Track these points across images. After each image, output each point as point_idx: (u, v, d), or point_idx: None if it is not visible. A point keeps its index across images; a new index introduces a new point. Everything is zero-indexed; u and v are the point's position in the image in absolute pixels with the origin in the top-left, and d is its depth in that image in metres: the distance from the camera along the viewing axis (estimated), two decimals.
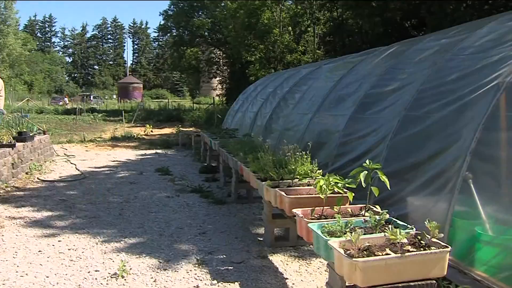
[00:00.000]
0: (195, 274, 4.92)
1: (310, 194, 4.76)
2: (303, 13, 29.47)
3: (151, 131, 24.09)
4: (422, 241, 3.15)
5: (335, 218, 3.69)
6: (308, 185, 5.17)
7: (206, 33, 43.47)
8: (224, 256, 5.49)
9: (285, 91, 11.61)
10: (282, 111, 10.76)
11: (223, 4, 36.36)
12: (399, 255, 2.94)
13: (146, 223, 6.96)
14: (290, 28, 30.93)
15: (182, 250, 5.69)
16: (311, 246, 5.51)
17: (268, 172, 5.49)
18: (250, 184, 6.75)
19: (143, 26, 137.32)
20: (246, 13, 29.83)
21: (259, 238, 6.20)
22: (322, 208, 4.10)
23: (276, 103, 11.45)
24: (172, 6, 45.07)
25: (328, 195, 4.13)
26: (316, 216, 4.03)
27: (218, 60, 45.85)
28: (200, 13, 43.48)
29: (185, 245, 5.92)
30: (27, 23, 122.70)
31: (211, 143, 10.85)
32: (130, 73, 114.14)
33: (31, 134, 12.25)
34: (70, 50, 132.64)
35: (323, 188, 4.08)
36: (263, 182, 5.46)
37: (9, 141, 10.30)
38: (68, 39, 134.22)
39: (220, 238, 6.23)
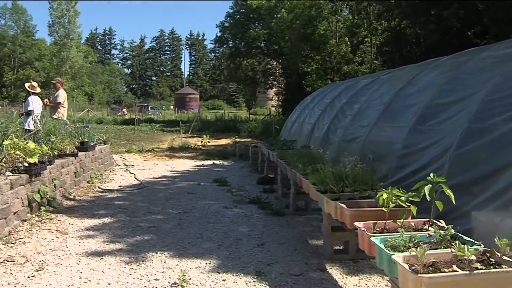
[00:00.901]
0: (254, 285, 4.91)
1: (371, 207, 4.69)
2: (360, 24, 29.25)
3: (208, 141, 24.33)
4: (491, 259, 3.03)
5: (398, 232, 3.62)
6: (369, 198, 5.10)
7: (262, 44, 43.74)
8: (283, 268, 5.45)
9: (343, 102, 11.52)
10: (340, 122, 10.68)
11: (279, 15, 36.52)
12: (467, 272, 2.84)
13: (205, 233, 7.01)
14: (346, 38, 30.73)
15: (241, 261, 5.70)
16: (371, 259, 5.44)
17: (328, 184, 5.45)
18: (309, 195, 6.72)
19: (199, 38, 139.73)
20: (302, 24, 29.86)
21: (318, 251, 6.15)
22: (384, 221, 4.03)
23: (334, 114, 11.37)
24: (228, 18, 45.67)
25: (391, 208, 4.06)
26: (378, 229, 3.97)
27: (274, 71, 46.00)
28: (256, 24, 43.80)
29: (244, 256, 5.93)
30: (88, 36, 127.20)
31: (269, 154, 10.88)
32: (187, 84, 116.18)
33: (92, 144, 12.63)
34: (129, 61, 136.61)
35: (385, 201, 4.02)
36: (323, 194, 5.42)
37: (72, 150, 10.62)
38: (127, 51, 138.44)
39: (279, 249, 6.21)
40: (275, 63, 45.51)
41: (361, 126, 9.17)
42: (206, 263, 5.61)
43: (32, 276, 5.13)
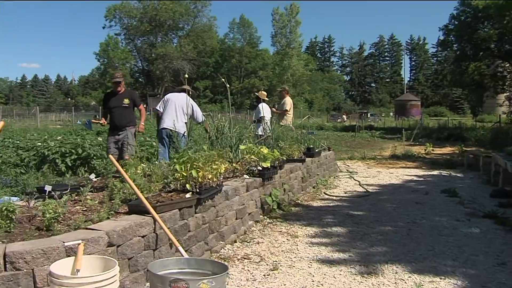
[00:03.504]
0: None
1: None
2: None
3: (432, 149, 23.33)
4: None
5: None
6: None
7: (492, 45, 40.61)
8: None
9: None
10: None
11: None
12: None
13: (437, 246, 6.66)
14: None
15: (480, 280, 5.28)
16: None
17: None
18: None
19: (420, 42, 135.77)
20: None
21: None
22: None
23: None
24: (452, 20, 43.40)
25: None
26: None
27: (505, 74, 42.46)
28: (485, 23, 40.80)
29: (483, 274, 5.48)
30: (308, 45, 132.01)
31: (506, 165, 10.03)
32: (407, 90, 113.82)
33: (317, 150, 12.93)
34: (348, 68, 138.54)
35: None
36: None
37: (299, 156, 10.98)
38: (346, 58, 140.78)
39: None
40: (507, 65, 41.95)
41: None
42: (441, 278, 5.32)
43: (267, 275, 5.39)
